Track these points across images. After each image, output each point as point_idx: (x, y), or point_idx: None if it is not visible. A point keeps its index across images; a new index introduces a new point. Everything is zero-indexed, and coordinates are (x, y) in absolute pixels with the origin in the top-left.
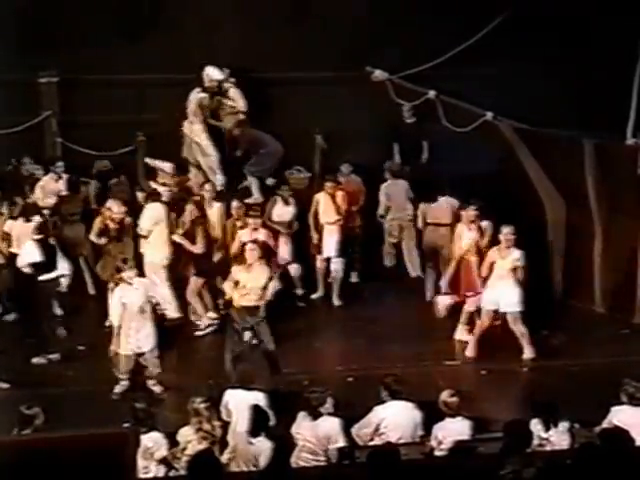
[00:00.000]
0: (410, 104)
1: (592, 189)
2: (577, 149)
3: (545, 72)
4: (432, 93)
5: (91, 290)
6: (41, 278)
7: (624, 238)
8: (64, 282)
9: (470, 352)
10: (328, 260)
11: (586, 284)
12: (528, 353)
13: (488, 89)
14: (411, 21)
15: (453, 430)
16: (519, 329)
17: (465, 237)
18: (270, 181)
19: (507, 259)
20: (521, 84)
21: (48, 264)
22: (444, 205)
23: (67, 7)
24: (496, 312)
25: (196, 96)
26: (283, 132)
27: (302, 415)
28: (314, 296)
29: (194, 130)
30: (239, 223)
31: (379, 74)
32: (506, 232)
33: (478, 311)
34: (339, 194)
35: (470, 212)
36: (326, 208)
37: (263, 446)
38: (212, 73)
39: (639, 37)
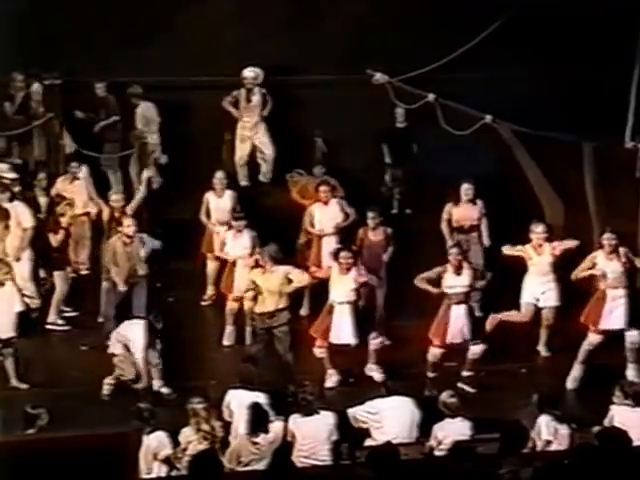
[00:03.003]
0: (403, 108)
1: (591, 192)
2: (576, 152)
3: (544, 75)
4: (431, 96)
5: None
6: None
7: (623, 241)
8: None
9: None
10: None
11: (585, 285)
12: (544, 351)
13: (487, 92)
14: (411, 24)
15: (453, 430)
16: (552, 323)
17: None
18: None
19: (544, 255)
20: (520, 87)
21: None
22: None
23: (70, 9)
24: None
25: None
26: (284, 134)
27: (295, 416)
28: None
29: None
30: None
31: (379, 77)
32: (538, 230)
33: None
34: (333, 201)
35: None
36: (321, 218)
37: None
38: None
39: (638, 39)
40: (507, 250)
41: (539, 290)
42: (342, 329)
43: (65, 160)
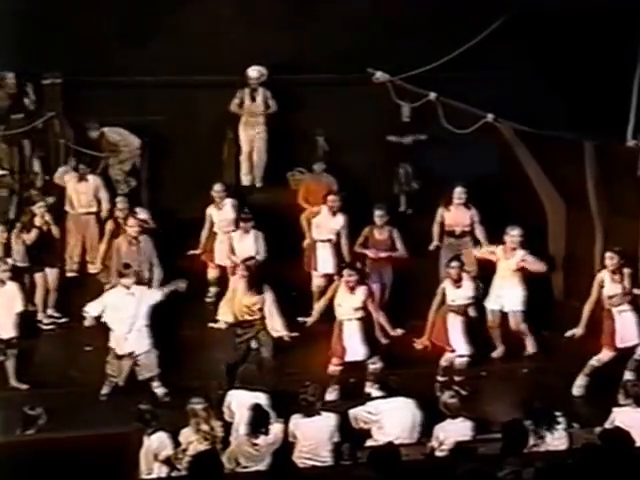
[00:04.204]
0: (408, 105)
1: (592, 190)
2: (577, 150)
3: (545, 73)
4: (433, 95)
5: None
6: None
7: (624, 239)
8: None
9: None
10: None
11: (587, 285)
12: (530, 348)
13: (489, 91)
14: (412, 23)
15: (454, 431)
16: (520, 327)
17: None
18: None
19: (512, 260)
20: (522, 85)
21: None
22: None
23: (71, 8)
24: (501, 312)
25: None
26: (285, 133)
27: (296, 417)
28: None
29: None
30: None
31: (380, 76)
32: (513, 234)
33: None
34: (339, 214)
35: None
36: (325, 224)
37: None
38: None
39: (639, 37)
40: (478, 253)
41: (502, 293)
42: (353, 345)
43: (65, 160)
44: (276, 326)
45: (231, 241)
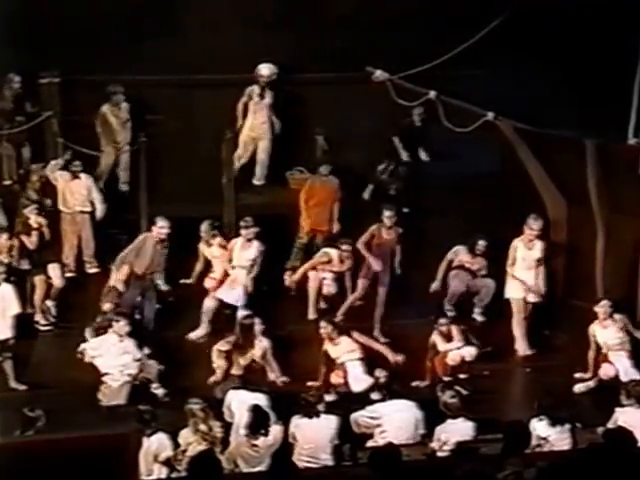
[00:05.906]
0: (421, 107)
1: (593, 188)
2: (578, 149)
3: (546, 72)
4: (433, 93)
5: None
6: None
7: (625, 237)
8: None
9: (525, 350)
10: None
11: (588, 283)
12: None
13: (489, 89)
14: (412, 21)
15: (455, 431)
16: (530, 317)
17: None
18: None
19: (534, 250)
20: (522, 84)
21: None
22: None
23: (69, 7)
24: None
25: None
26: (284, 132)
27: (296, 418)
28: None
29: None
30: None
31: (380, 74)
32: (534, 227)
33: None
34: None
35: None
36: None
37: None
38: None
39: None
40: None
41: (525, 283)
42: (358, 380)
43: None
44: (272, 374)
45: (232, 248)
